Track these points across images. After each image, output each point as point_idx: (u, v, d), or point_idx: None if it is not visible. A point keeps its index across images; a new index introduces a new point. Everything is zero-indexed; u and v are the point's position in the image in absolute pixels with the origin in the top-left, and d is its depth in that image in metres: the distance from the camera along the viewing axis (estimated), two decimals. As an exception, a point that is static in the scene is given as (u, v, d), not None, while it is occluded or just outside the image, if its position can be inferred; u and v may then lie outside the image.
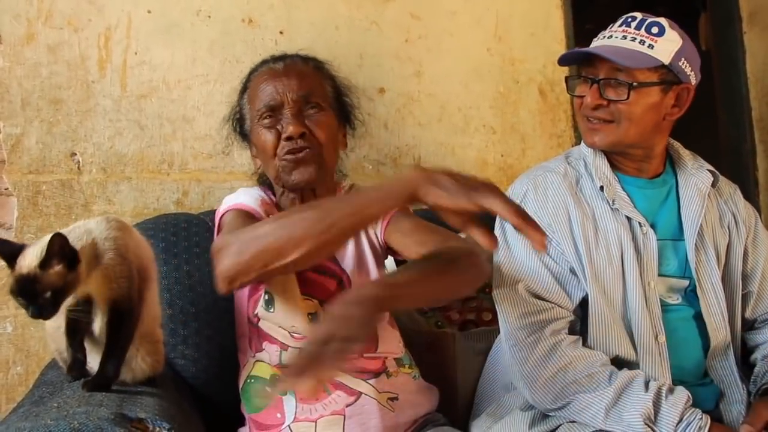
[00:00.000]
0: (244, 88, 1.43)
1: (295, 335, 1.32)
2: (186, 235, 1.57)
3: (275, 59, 1.41)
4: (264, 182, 1.47)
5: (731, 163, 2.87)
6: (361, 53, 2.03)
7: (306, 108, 1.33)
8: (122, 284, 1.14)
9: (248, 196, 1.36)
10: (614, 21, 1.42)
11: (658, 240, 1.37)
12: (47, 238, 1.06)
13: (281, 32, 1.94)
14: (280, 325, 1.33)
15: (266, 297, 1.34)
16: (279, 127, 1.32)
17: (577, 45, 2.43)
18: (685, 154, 1.48)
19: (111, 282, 1.13)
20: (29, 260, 1.04)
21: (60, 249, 1.05)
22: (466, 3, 2.20)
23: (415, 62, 2.13)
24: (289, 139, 1.30)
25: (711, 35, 2.96)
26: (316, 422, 1.29)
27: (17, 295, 1.04)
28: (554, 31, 2.34)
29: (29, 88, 1.72)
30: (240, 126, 1.44)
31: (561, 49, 2.34)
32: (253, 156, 1.44)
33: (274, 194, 1.42)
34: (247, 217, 1.30)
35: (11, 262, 1.06)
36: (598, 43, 1.38)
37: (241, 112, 1.43)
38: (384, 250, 1.42)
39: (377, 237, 1.41)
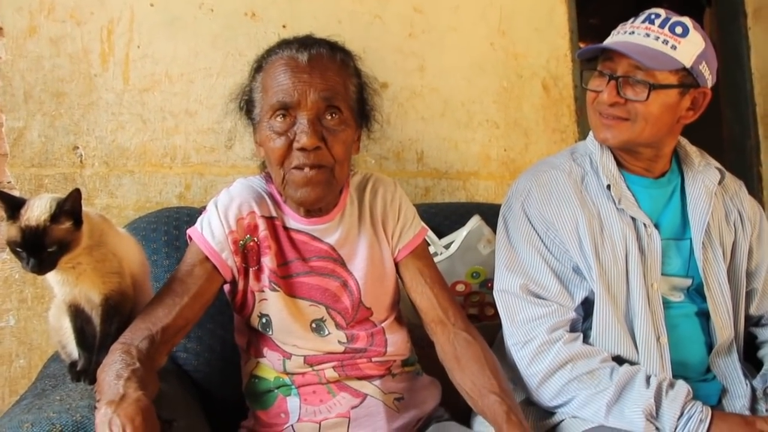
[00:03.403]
0: (259, 67, 1.27)
1: (298, 346, 1.30)
2: (188, 229, 1.57)
3: (300, 45, 1.23)
4: (267, 169, 1.33)
5: (735, 158, 2.86)
6: (364, 47, 1.99)
7: (326, 113, 1.20)
8: (113, 279, 1.15)
9: (228, 214, 1.26)
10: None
11: (662, 240, 1.36)
12: (49, 195, 1.08)
13: (284, 26, 1.94)
14: (281, 342, 1.30)
15: (263, 320, 1.30)
16: (291, 133, 1.19)
17: (581, 40, 2.42)
18: (692, 151, 1.46)
19: (103, 277, 1.14)
20: (38, 212, 1.05)
21: (73, 205, 1.07)
22: (469, -3, 2.20)
23: (418, 56, 2.12)
24: (302, 149, 1.18)
25: (716, 30, 2.95)
26: (320, 424, 1.28)
27: (20, 246, 1.04)
28: (558, 25, 2.34)
29: (32, 81, 1.72)
30: (248, 108, 1.29)
31: (565, 43, 2.34)
32: (257, 144, 1.29)
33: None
34: (206, 266, 1.23)
35: (13, 213, 1.06)
36: (619, 38, 1.34)
37: (251, 95, 1.28)
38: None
39: (392, 254, 1.36)
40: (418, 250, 1.37)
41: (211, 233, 1.25)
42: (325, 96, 1.19)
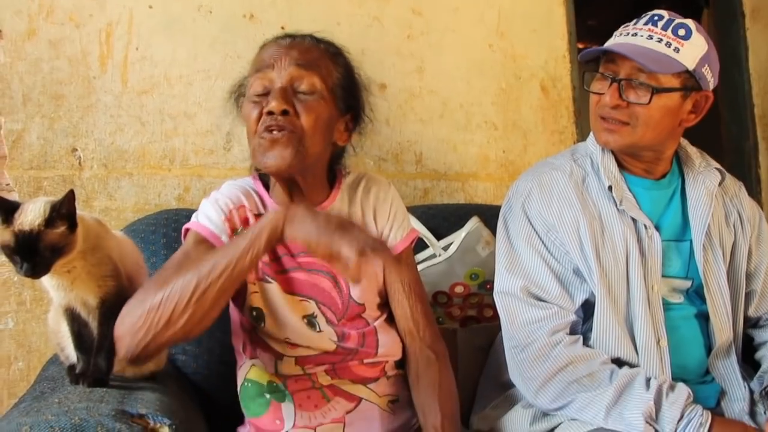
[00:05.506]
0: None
1: (290, 343, 1.28)
2: (187, 231, 1.56)
3: (286, 35, 1.29)
4: (259, 169, 1.34)
5: (733, 160, 2.86)
6: (362, 49, 2.02)
7: (299, 85, 1.22)
8: (109, 283, 1.15)
9: (219, 204, 1.28)
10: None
11: (662, 241, 1.35)
12: (44, 198, 1.07)
13: (282, 28, 1.94)
14: (274, 336, 1.29)
15: (254, 313, 1.29)
16: (264, 102, 1.21)
17: (580, 41, 2.42)
18: (693, 152, 1.45)
19: (98, 281, 1.14)
20: (33, 217, 1.05)
21: (68, 209, 1.06)
22: (468, -1, 2.20)
23: (416, 58, 2.12)
24: (270, 114, 1.20)
25: (714, 31, 2.95)
26: (315, 429, 1.27)
27: (13, 251, 1.04)
28: (556, 27, 2.34)
29: (30, 84, 1.72)
30: (238, 100, 1.34)
31: (563, 45, 2.34)
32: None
33: (267, 186, 1.35)
34: (202, 247, 1.22)
35: (7, 217, 1.05)
36: (621, 40, 1.33)
37: (244, 85, 1.32)
38: None
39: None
40: (403, 255, 1.36)
41: (209, 220, 1.25)
42: (299, 63, 1.22)
